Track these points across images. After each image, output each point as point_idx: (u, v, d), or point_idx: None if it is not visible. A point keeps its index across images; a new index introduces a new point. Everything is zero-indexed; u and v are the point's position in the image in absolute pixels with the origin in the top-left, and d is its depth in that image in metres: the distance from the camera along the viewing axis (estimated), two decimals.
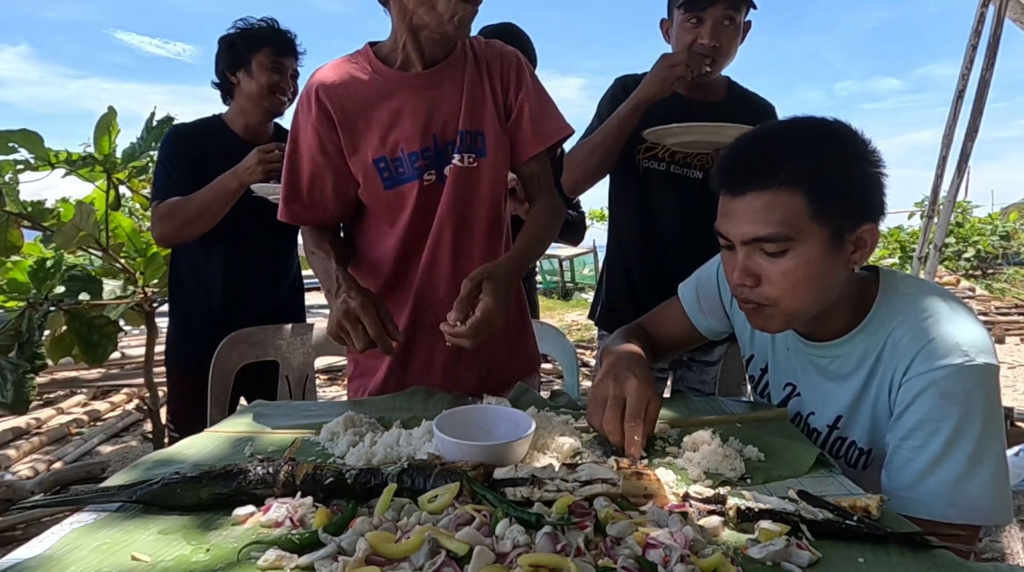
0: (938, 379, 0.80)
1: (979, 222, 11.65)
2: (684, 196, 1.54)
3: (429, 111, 1.11)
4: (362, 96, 1.11)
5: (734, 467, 0.79)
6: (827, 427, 0.97)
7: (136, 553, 0.60)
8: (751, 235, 0.82)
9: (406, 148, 1.11)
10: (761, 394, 1.11)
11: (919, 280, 0.96)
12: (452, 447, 0.77)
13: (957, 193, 3.56)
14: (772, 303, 0.85)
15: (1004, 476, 0.80)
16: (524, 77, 1.18)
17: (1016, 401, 3.93)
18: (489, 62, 1.17)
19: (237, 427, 1.00)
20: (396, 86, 1.11)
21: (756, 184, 0.82)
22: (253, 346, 1.55)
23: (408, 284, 1.20)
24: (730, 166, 0.87)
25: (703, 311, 1.14)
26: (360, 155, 1.12)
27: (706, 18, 1.43)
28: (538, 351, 1.39)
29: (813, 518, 0.63)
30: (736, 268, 0.86)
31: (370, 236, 1.21)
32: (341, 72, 1.12)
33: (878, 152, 0.84)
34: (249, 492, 0.69)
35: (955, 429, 0.78)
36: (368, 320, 1.00)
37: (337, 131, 1.11)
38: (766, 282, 0.84)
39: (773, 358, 1.06)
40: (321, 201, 1.17)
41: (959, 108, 3.47)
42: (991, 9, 3.32)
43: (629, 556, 0.56)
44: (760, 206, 0.81)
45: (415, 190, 1.13)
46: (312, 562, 0.56)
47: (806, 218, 0.80)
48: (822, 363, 0.96)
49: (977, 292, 8.00)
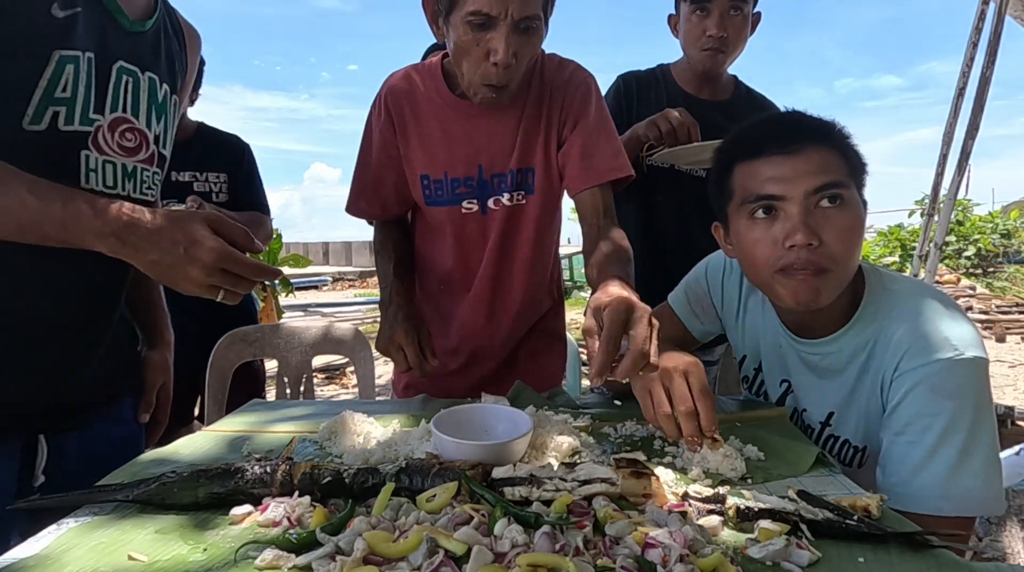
0: (929, 374, 0.81)
1: (980, 220, 11.64)
2: (688, 194, 1.54)
3: (479, 142, 1.13)
4: (421, 112, 1.14)
5: (735, 467, 0.78)
6: (820, 423, 0.98)
7: (133, 552, 0.59)
8: (819, 183, 0.84)
9: (450, 173, 1.14)
10: (757, 393, 1.11)
11: (904, 277, 0.98)
12: (450, 446, 0.76)
13: (958, 191, 3.56)
14: (833, 265, 0.85)
15: (995, 467, 0.81)
16: (587, 110, 1.13)
17: (1017, 400, 3.93)
18: (553, 92, 1.13)
19: (234, 426, 0.99)
20: (451, 111, 1.13)
21: (812, 141, 0.87)
22: (251, 345, 1.54)
23: (451, 307, 1.25)
24: (784, 129, 0.90)
25: (695, 314, 1.15)
26: (411, 166, 1.17)
27: (712, 8, 1.42)
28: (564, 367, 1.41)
29: (813, 517, 0.63)
30: (799, 229, 0.84)
31: (427, 241, 1.26)
32: (409, 83, 1.15)
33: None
34: (246, 491, 0.69)
35: (947, 423, 0.80)
36: (409, 350, 1.06)
37: (397, 138, 1.16)
38: (829, 241, 0.84)
39: (766, 357, 1.06)
40: (385, 198, 1.22)
41: (960, 105, 3.46)
42: (992, 6, 3.32)
43: (628, 556, 0.56)
44: (820, 159, 0.86)
45: (452, 215, 1.16)
46: (310, 562, 0.56)
47: (848, 175, 0.87)
48: (813, 360, 0.97)
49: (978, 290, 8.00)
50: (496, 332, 1.24)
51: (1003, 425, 2.98)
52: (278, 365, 1.57)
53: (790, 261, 0.85)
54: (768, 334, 1.04)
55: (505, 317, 1.23)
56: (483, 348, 1.26)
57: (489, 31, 0.95)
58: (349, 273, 14.32)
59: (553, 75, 1.14)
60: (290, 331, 1.59)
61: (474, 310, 1.23)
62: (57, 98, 0.80)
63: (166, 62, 0.97)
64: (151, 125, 0.93)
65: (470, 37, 0.97)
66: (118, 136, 0.89)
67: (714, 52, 1.47)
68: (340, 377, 4.75)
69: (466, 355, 1.26)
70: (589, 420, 0.99)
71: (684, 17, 1.49)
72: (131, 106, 0.90)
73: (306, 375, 1.59)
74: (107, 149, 0.87)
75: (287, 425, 1.00)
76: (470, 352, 1.26)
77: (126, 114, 0.89)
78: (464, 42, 0.98)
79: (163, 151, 0.97)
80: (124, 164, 0.90)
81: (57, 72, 0.79)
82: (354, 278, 14.04)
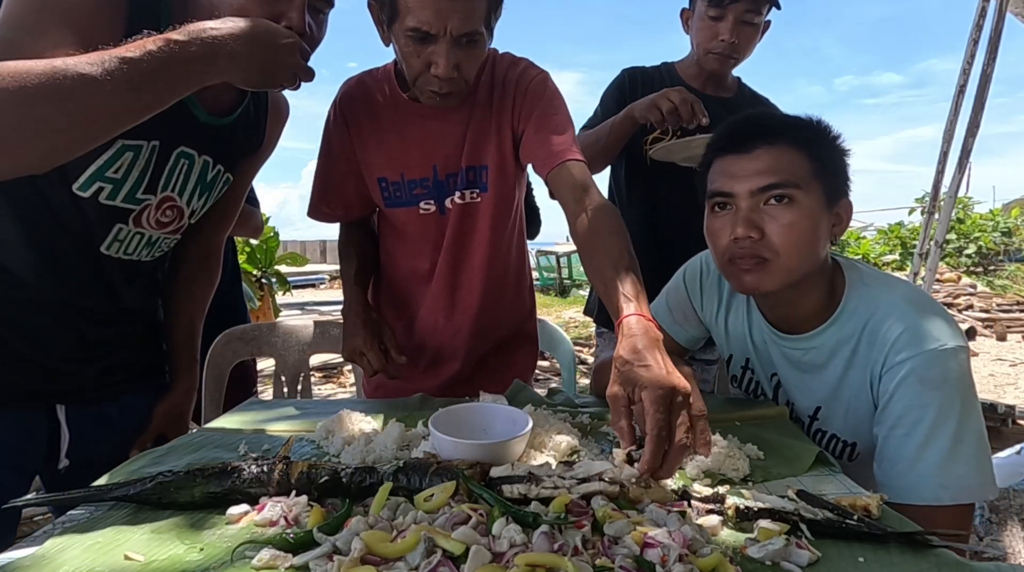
0: (916, 367, 0.84)
1: (980, 218, 11.64)
2: (690, 188, 1.53)
3: (431, 143, 1.13)
4: (376, 115, 1.15)
5: (736, 467, 0.78)
6: (808, 417, 1.00)
7: (129, 552, 0.59)
8: (763, 183, 0.89)
9: (406, 175, 1.15)
10: (747, 391, 1.12)
11: (881, 273, 1.00)
12: (448, 445, 0.76)
13: (958, 189, 3.56)
14: (774, 256, 0.89)
15: (985, 452, 0.83)
16: (540, 102, 1.10)
17: (1018, 399, 3.92)
18: (505, 89, 1.13)
19: (231, 425, 0.99)
20: (405, 113, 1.13)
21: (766, 141, 0.90)
22: (247, 344, 1.54)
23: (414, 307, 1.26)
24: (738, 129, 0.94)
25: (678, 322, 1.16)
26: (369, 169, 1.18)
27: (728, 13, 1.42)
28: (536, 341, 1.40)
29: (813, 517, 0.63)
30: (740, 222, 0.90)
31: (389, 241, 1.27)
32: (363, 89, 1.17)
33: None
34: (243, 491, 0.69)
35: (937, 413, 0.82)
36: (371, 355, 1.12)
37: (353, 143, 1.17)
38: (770, 234, 0.89)
39: (755, 353, 1.07)
40: (346, 202, 1.24)
41: (960, 103, 3.46)
42: (992, 3, 3.31)
43: (627, 556, 0.55)
44: (770, 159, 0.89)
45: (411, 216, 1.17)
46: (307, 562, 0.56)
47: (808, 174, 0.89)
48: (795, 355, 0.99)
49: (978, 289, 7.99)
50: (457, 332, 1.24)
51: (1003, 424, 2.97)
52: (275, 364, 1.56)
53: (735, 251, 0.92)
54: (754, 331, 1.06)
55: (464, 317, 1.22)
56: (445, 347, 1.25)
57: (430, 45, 0.96)
58: None
59: (504, 72, 1.13)
60: (287, 330, 1.59)
61: (433, 309, 1.23)
62: (107, 177, 0.86)
63: (234, 149, 1.01)
64: (191, 202, 0.98)
65: (411, 49, 0.97)
66: (159, 213, 0.94)
67: (724, 58, 1.47)
68: (337, 376, 4.74)
69: (430, 355, 1.26)
70: (588, 419, 0.98)
71: (699, 15, 1.49)
72: (180, 186, 0.95)
73: (303, 374, 1.58)
74: (145, 224, 0.93)
75: (284, 424, 0.99)
76: (433, 351, 1.26)
77: (173, 193, 0.94)
78: (406, 53, 0.99)
79: (192, 221, 1.02)
80: (151, 235, 0.96)
81: (114, 157, 0.85)
82: None
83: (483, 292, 1.21)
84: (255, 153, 1.08)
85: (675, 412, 0.69)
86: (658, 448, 0.67)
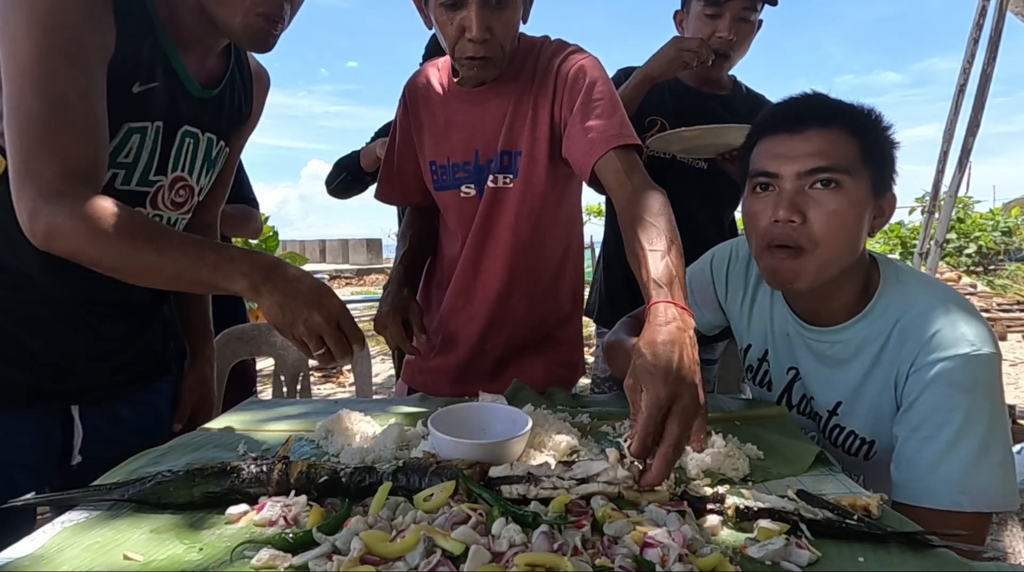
0: (946, 369, 0.81)
1: (980, 218, 11.63)
2: (690, 186, 1.53)
3: (474, 127, 1.16)
4: (431, 103, 1.21)
5: (736, 467, 0.78)
6: (827, 412, 0.98)
7: (128, 552, 0.59)
8: (812, 166, 0.86)
9: (452, 158, 1.19)
10: (760, 383, 1.11)
11: (918, 272, 0.98)
12: (448, 445, 0.76)
13: (958, 188, 3.55)
14: (813, 246, 0.86)
15: (1011, 463, 0.81)
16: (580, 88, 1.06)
17: (1018, 399, 3.92)
18: (546, 75, 1.11)
19: (230, 425, 0.99)
20: (453, 99, 1.18)
21: (819, 123, 0.87)
22: (247, 343, 1.54)
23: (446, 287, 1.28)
24: (790, 109, 0.92)
25: (697, 304, 1.14)
26: (423, 154, 1.24)
27: (725, 12, 1.43)
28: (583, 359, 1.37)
29: (813, 517, 0.63)
30: (783, 204, 0.87)
31: (442, 228, 1.32)
32: (425, 77, 1.23)
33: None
34: (242, 491, 0.69)
35: (964, 418, 0.80)
36: (393, 329, 1.17)
37: (412, 128, 1.24)
38: (812, 220, 0.86)
39: (773, 344, 1.06)
40: (405, 185, 1.31)
41: (960, 103, 3.46)
42: (993, 2, 3.31)
43: (627, 555, 0.55)
44: (822, 142, 0.87)
45: (454, 199, 1.21)
46: (306, 562, 0.56)
47: (858, 161, 0.86)
48: (820, 348, 0.97)
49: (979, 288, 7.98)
50: (472, 318, 1.22)
51: None
52: (274, 363, 1.56)
53: (774, 236, 0.89)
54: (776, 322, 1.04)
55: (481, 304, 1.21)
56: (460, 332, 1.24)
57: (461, 11, 1.01)
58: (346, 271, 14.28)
59: (548, 59, 1.13)
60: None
61: (455, 292, 1.24)
62: (119, 163, 0.89)
63: (226, 120, 1.04)
64: (200, 179, 1.02)
65: (445, 17, 1.03)
66: (173, 194, 0.97)
67: (720, 58, 1.47)
68: (337, 376, 4.74)
69: (442, 335, 1.26)
70: (587, 419, 0.98)
71: (694, 15, 1.49)
72: (188, 165, 0.98)
73: (303, 373, 1.58)
74: (161, 206, 0.96)
75: (283, 424, 0.99)
76: (447, 333, 1.26)
77: (183, 173, 0.97)
78: (441, 23, 1.04)
79: (201, 198, 1.05)
80: (169, 217, 0.99)
81: (123, 142, 0.88)
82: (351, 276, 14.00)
83: (503, 282, 1.19)
84: (245, 122, 1.11)
85: (675, 419, 0.66)
86: (642, 452, 0.66)
